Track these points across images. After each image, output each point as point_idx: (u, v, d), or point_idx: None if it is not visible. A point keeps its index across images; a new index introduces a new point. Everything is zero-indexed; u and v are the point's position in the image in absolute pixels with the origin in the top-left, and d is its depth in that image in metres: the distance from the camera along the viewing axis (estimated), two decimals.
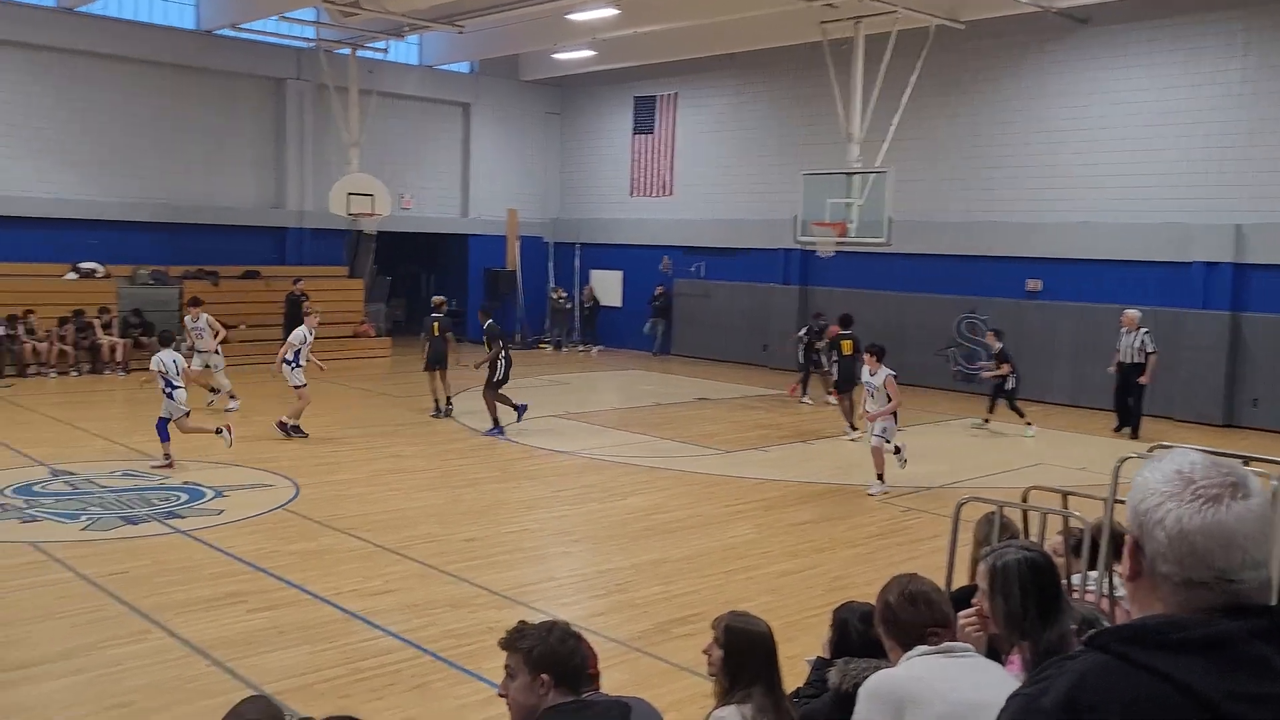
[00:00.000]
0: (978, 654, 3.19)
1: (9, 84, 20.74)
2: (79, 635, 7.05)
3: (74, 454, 12.72)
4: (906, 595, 3.27)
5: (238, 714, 2.99)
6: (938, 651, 3.13)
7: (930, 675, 3.05)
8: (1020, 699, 1.65)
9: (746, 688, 3.53)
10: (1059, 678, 1.61)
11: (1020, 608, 3.07)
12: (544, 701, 3.15)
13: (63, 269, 21.17)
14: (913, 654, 3.15)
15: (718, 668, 3.60)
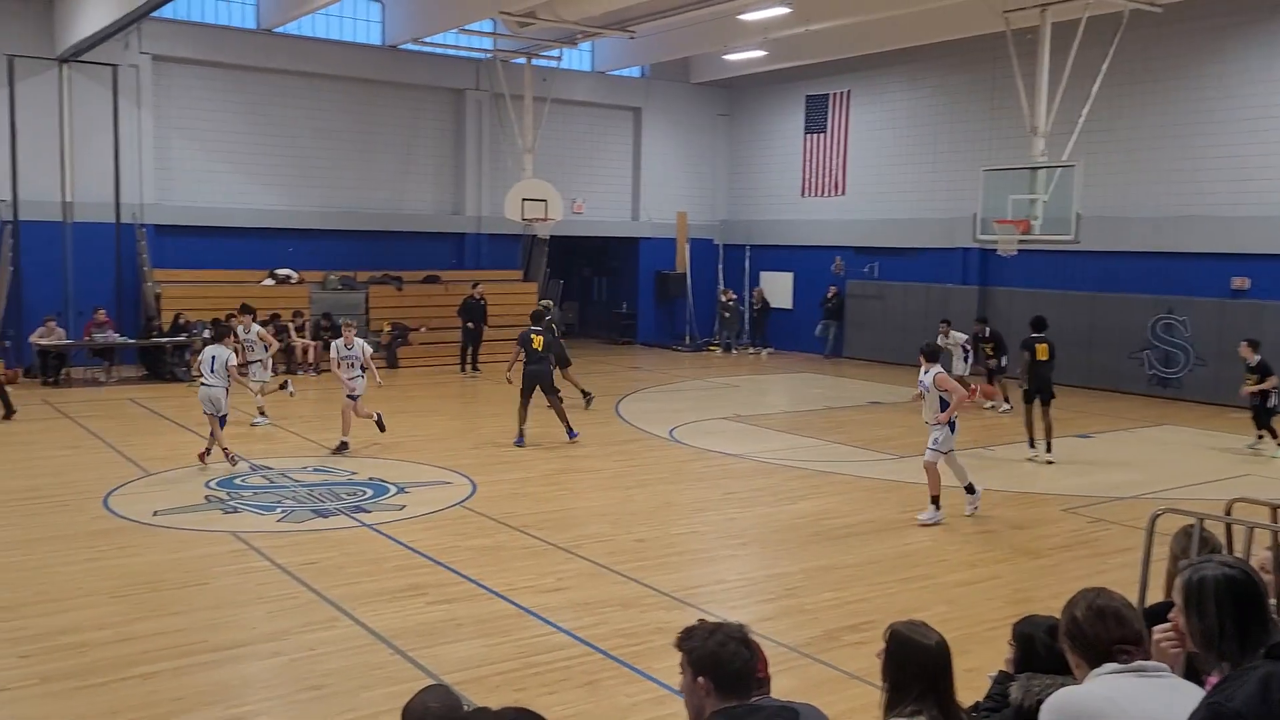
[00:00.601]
0: (1173, 674, 2.98)
1: (214, 103, 22.26)
2: (277, 620, 7.47)
3: (270, 450, 13.51)
4: (1094, 610, 3.09)
5: (420, 701, 3.09)
6: (1129, 670, 2.94)
7: (1118, 694, 2.87)
8: (1209, 705, 1.56)
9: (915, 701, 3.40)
10: (1246, 683, 1.52)
11: (1217, 626, 2.85)
12: (705, 704, 3.13)
13: (261, 275, 22.55)
14: (1100, 671, 2.98)
15: (884, 678, 3.49)
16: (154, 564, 8.75)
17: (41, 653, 6.78)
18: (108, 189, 20.21)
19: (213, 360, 12.53)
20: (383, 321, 22.61)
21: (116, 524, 9.94)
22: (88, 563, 8.72)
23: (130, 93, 20.79)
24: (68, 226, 20.06)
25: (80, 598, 7.84)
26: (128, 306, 20.92)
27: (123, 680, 6.38)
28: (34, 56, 19.51)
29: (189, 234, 21.96)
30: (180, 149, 21.94)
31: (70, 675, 6.43)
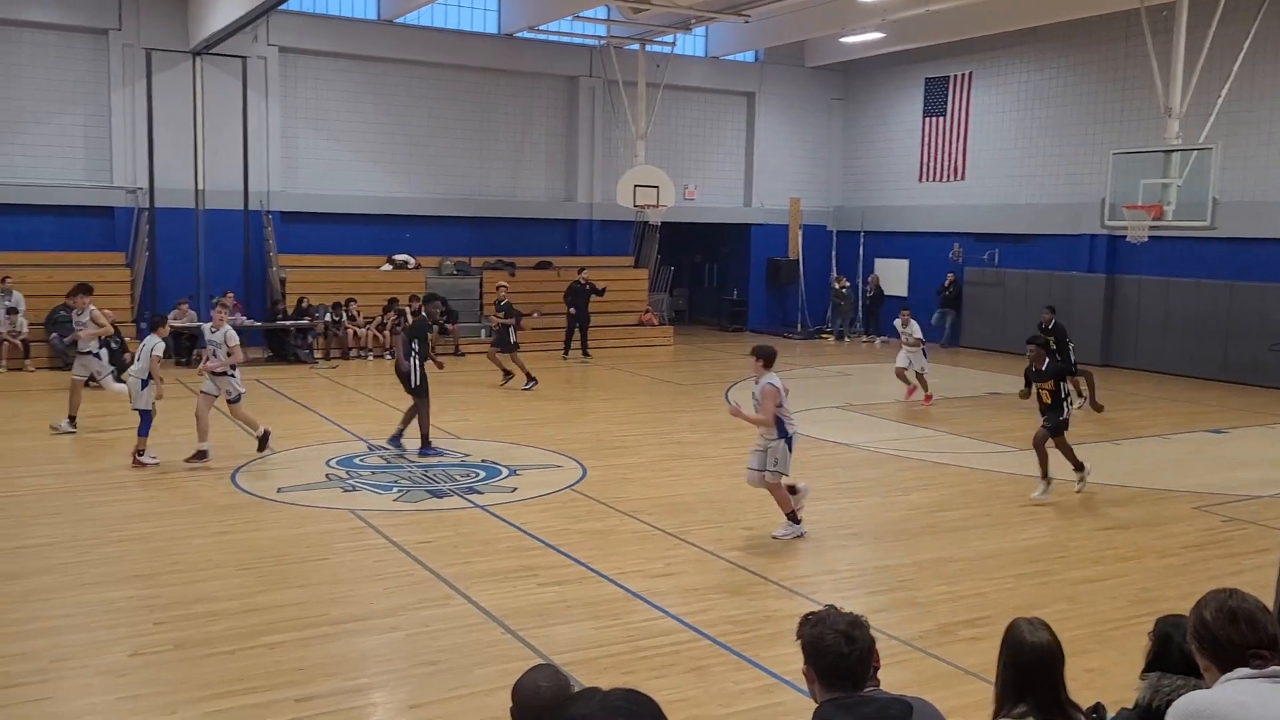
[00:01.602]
0: None
1: (337, 93, 22.90)
2: (393, 597, 7.67)
3: (388, 431, 13.84)
4: (1225, 611, 2.93)
5: (531, 680, 3.12)
6: (1263, 676, 2.79)
7: (1251, 701, 2.73)
8: None
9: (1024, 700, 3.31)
10: None
11: None
12: (813, 691, 3.14)
13: (379, 261, 23.15)
14: (1232, 676, 2.83)
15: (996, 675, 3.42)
16: (278, 539, 9.07)
17: (175, 620, 7.09)
18: (237, 177, 20.99)
19: (147, 351, 11.65)
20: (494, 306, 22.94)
21: (243, 499, 10.34)
22: (217, 536, 9.09)
23: (258, 84, 21.53)
24: (199, 213, 20.90)
25: (210, 569, 8.18)
26: (255, 290, 21.72)
27: (249, 649, 6.63)
28: (170, 50, 20.36)
29: (312, 220, 22.67)
30: (305, 138, 22.65)
31: (201, 643, 6.72)
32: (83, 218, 20.82)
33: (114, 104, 20.69)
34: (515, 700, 3.08)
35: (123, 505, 9.98)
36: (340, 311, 21.34)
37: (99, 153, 20.85)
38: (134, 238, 20.97)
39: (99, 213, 20.95)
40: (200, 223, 20.89)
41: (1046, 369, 10.99)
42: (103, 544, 8.81)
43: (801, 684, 3.31)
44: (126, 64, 20.58)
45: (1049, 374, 10.98)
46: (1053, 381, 10.92)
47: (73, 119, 20.62)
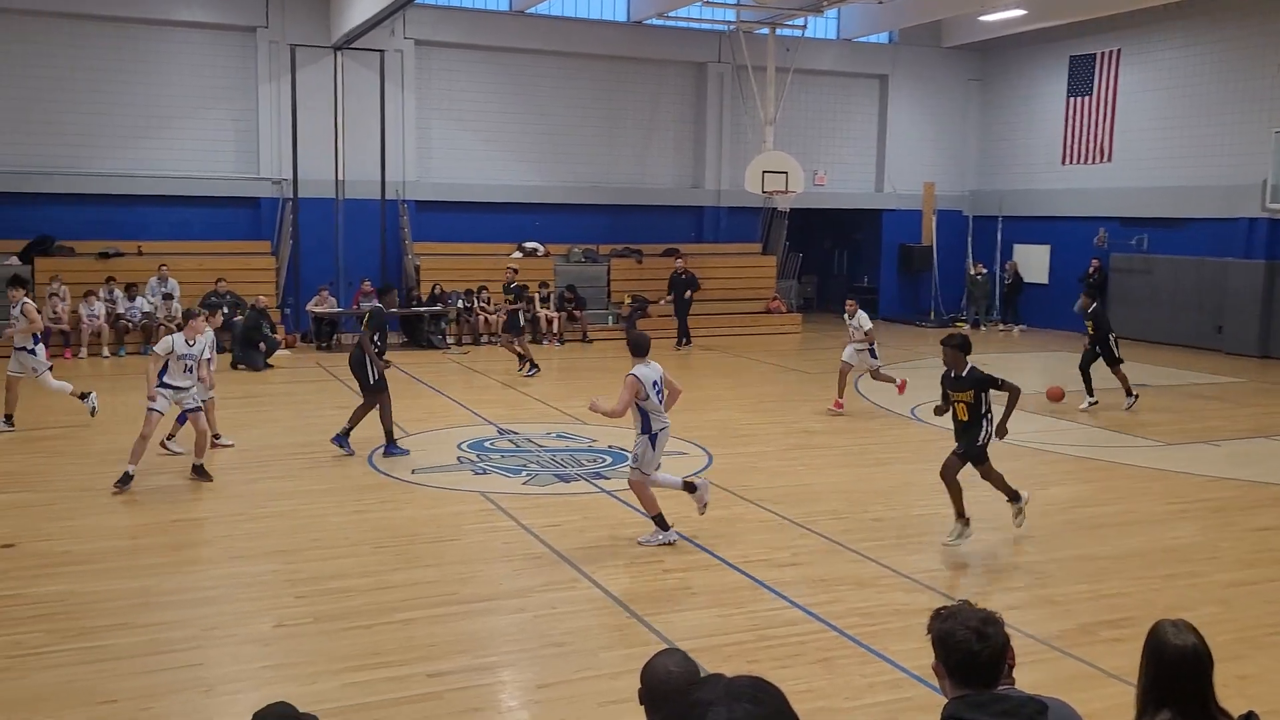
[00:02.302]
0: None
1: (470, 83, 23.35)
2: (521, 578, 7.79)
3: (517, 415, 14.09)
4: None
5: (661, 664, 3.12)
6: None
7: None
8: None
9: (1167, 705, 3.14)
10: None
11: None
12: (943, 687, 3.07)
13: (510, 248, 23.54)
14: None
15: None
16: (411, 519, 9.32)
17: (314, 594, 7.36)
18: (374, 168, 21.62)
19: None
20: (623, 294, 23.12)
21: (379, 480, 10.66)
22: (354, 514, 9.39)
23: (395, 76, 22.12)
24: (339, 203, 21.62)
25: (347, 546, 8.46)
26: (391, 277, 22.32)
27: (384, 624, 6.83)
28: (312, 45, 21.09)
29: (446, 209, 23.20)
30: (438, 128, 23.18)
31: (338, 617, 6.95)
32: (231, 208, 21.79)
33: (261, 99, 21.57)
34: (644, 683, 3.08)
35: (266, 484, 10.41)
36: (472, 298, 21.79)
37: (247, 146, 21.78)
38: (278, 227, 21.84)
39: (246, 203, 21.90)
40: (340, 212, 21.61)
41: (966, 376, 8.51)
42: (248, 520, 9.21)
43: (932, 679, 3.22)
44: (273, 60, 21.42)
45: (968, 383, 8.51)
46: (973, 393, 8.47)
47: (222, 114, 21.58)
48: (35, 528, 8.76)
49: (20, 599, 7.18)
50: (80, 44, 20.47)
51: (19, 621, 6.78)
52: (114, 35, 20.66)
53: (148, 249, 20.64)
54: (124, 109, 20.82)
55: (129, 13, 20.53)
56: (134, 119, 20.91)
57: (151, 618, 6.91)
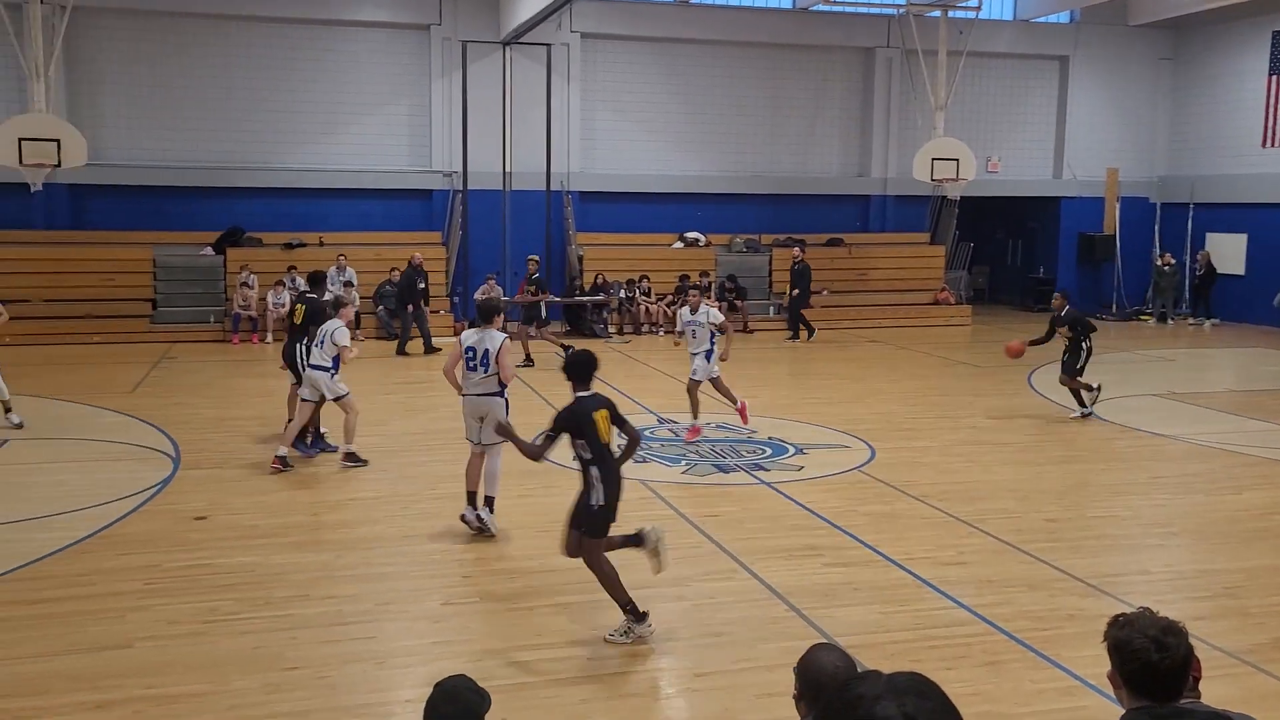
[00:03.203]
0: None
1: (635, 75, 23.54)
2: (680, 567, 7.80)
3: (677, 405, 14.12)
4: None
5: (822, 658, 3.08)
6: None
7: None
8: None
9: None
10: None
11: None
12: (1120, 697, 2.94)
13: (671, 238, 23.65)
14: None
15: None
16: None
17: (481, 574, 7.58)
18: (540, 159, 22.07)
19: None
20: (784, 285, 22.86)
21: (542, 466, 10.83)
22: (518, 499, 9.61)
23: (561, 69, 22.51)
24: (506, 194, 22.17)
25: (512, 529, 8.68)
26: (555, 267, 22.80)
27: (545, 607, 6.98)
28: (482, 41, 21.69)
29: (609, 199, 23.49)
30: (603, 120, 23.47)
31: (503, 597, 7.14)
32: (405, 200, 22.66)
33: (434, 94, 22.34)
34: (802, 676, 3.05)
35: (436, 466, 10.77)
36: (634, 288, 22.00)
37: (420, 140, 22.59)
38: (449, 218, 22.58)
39: (419, 195, 22.72)
40: (506, 203, 22.16)
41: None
42: (419, 501, 9.56)
43: (1109, 689, 3.05)
44: (445, 56, 22.15)
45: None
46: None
47: (398, 110, 22.45)
48: (226, 502, 9.33)
49: (212, 569, 7.66)
50: (270, 46, 21.66)
51: (212, 589, 7.24)
52: (300, 37, 21.77)
53: (328, 240, 21.67)
54: (309, 107, 21.93)
55: (315, 14, 21.60)
56: (317, 116, 22.00)
57: (330, 590, 7.27)
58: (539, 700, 5.72)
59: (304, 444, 10.97)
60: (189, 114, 21.40)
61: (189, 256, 20.97)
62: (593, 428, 6.53)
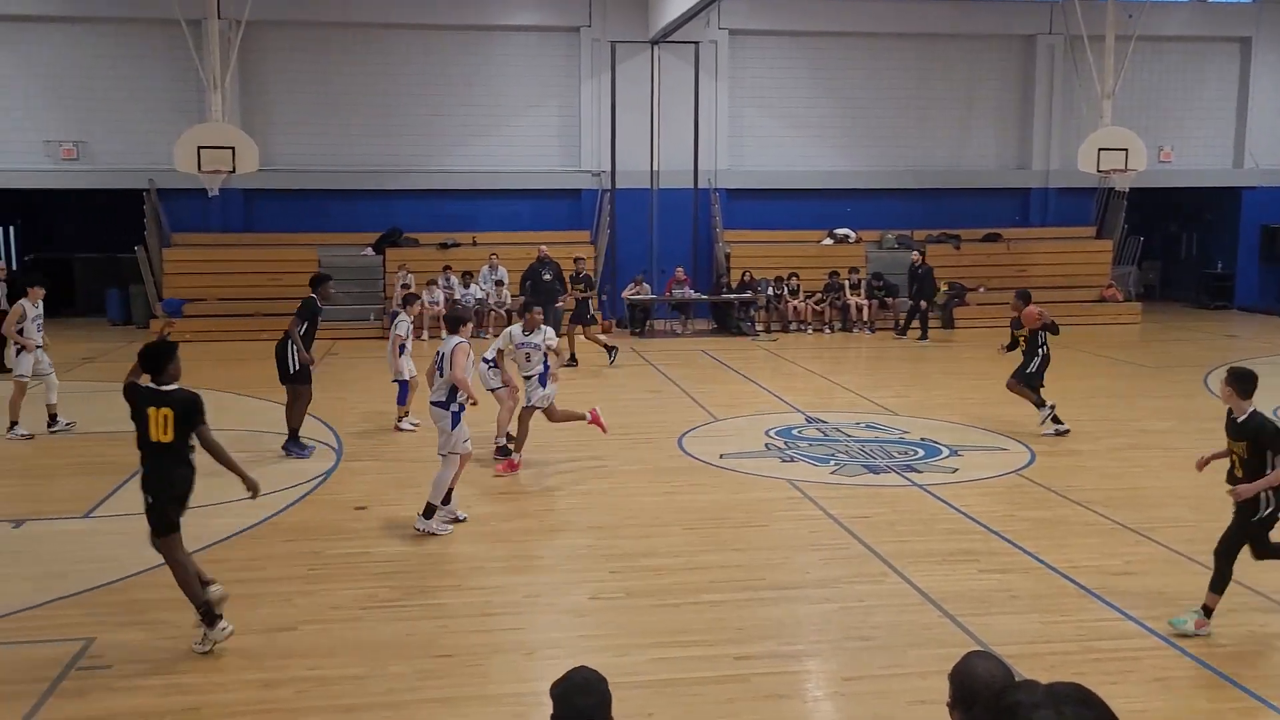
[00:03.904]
0: None
1: (782, 70, 23.32)
2: (829, 568, 7.67)
3: (826, 404, 13.91)
4: None
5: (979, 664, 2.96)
6: None
7: None
8: None
9: None
10: None
11: None
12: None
13: (820, 235, 23.30)
14: None
15: None
16: (719, 502, 9.42)
17: (627, 570, 7.61)
18: (687, 157, 22.10)
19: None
20: (940, 281, 22.22)
21: (688, 463, 10.87)
22: (665, 496, 9.63)
23: (709, 66, 22.47)
24: (654, 193, 22.27)
25: (658, 526, 8.69)
26: (702, 265, 22.80)
27: (691, 604, 6.95)
28: (631, 41, 21.86)
29: (756, 196, 23.33)
30: (751, 116, 23.32)
31: (649, 593, 7.15)
32: (554, 200, 23.04)
33: (583, 94, 22.64)
34: (957, 682, 2.95)
35: (583, 463, 10.88)
36: (782, 286, 21.78)
37: (569, 140, 22.93)
38: (597, 217, 22.84)
39: (568, 195, 23.06)
40: (654, 202, 22.26)
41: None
42: (568, 495, 9.68)
43: None
44: (594, 57, 22.42)
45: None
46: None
47: (548, 111, 22.85)
48: (383, 494, 9.66)
49: (370, 557, 7.93)
50: (427, 53, 22.37)
51: (370, 576, 7.49)
52: (455, 43, 22.41)
53: (481, 239, 22.22)
54: (463, 110, 22.55)
55: (470, 20, 22.19)
56: (471, 119, 22.60)
57: (482, 581, 7.42)
58: (684, 698, 5.69)
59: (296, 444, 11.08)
60: (351, 120, 22.30)
61: (350, 256, 21.85)
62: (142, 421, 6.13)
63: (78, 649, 6.22)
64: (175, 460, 6.13)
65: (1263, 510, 6.37)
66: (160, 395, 6.09)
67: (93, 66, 21.41)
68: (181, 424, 6.06)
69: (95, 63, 21.41)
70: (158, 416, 6.06)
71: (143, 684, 5.82)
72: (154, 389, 6.12)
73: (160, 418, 6.05)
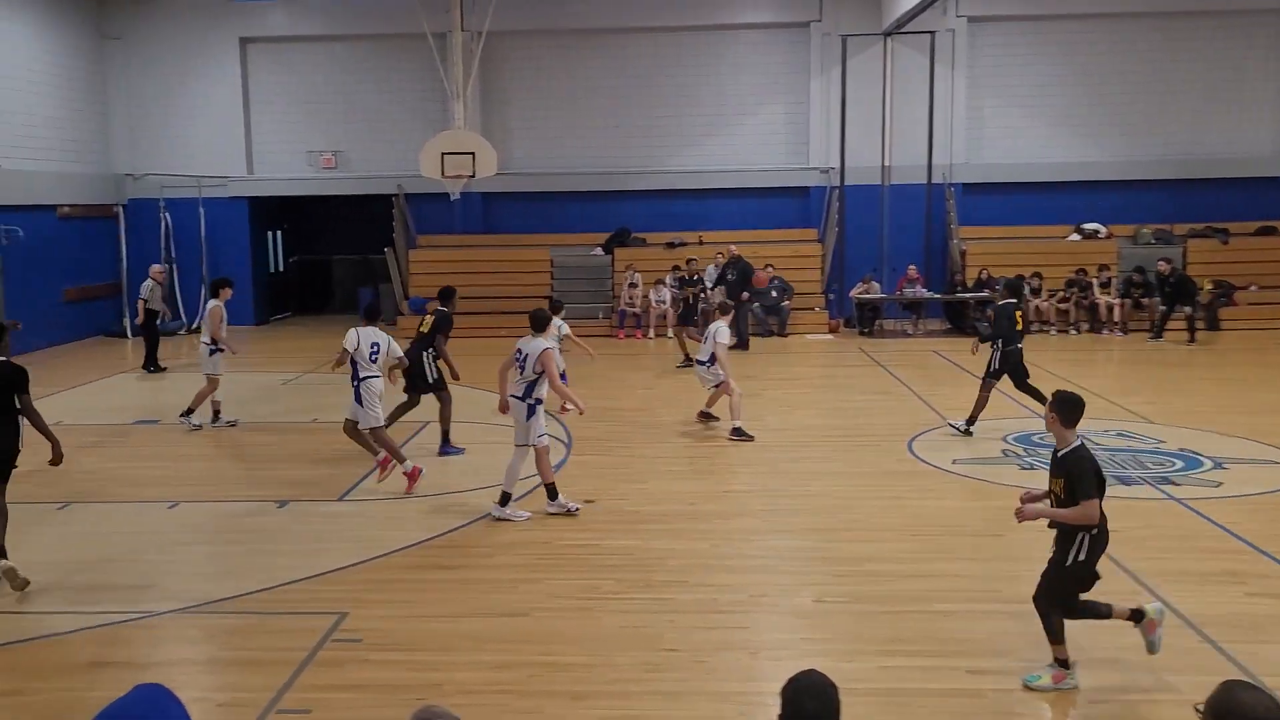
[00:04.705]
0: None
1: (1024, 57, 22.15)
2: None
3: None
4: None
5: (1232, 695, 2.71)
6: None
7: None
8: None
9: None
10: None
11: None
12: None
13: (1066, 230, 22.01)
14: None
15: None
16: (950, 510, 9.06)
17: (852, 574, 7.43)
18: (920, 152, 21.41)
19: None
20: (1204, 279, 20.52)
21: (918, 468, 10.51)
22: (892, 500, 9.35)
23: (945, 57, 21.68)
24: (884, 189, 21.71)
25: (884, 531, 8.44)
26: (935, 263, 22.03)
27: (919, 613, 6.70)
28: (863, 34, 21.40)
29: (994, 191, 22.31)
30: (989, 107, 22.32)
31: (874, 599, 6.95)
32: (781, 198, 22.85)
33: (812, 91, 22.35)
34: (1214, 713, 2.71)
35: (808, 464, 10.72)
36: (1023, 285, 20.73)
37: (797, 137, 22.70)
38: (825, 215, 22.49)
39: (795, 193, 22.82)
40: (885, 198, 21.70)
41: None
42: (789, 497, 9.56)
43: None
44: (824, 52, 22.09)
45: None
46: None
47: (776, 108, 22.70)
48: (610, 488, 9.85)
49: (598, 549, 8.11)
50: (657, 55, 22.70)
51: (596, 569, 7.66)
52: (685, 43, 22.63)
53: (707, 239, 22.34)
54: (691, 110, 22.75)
55: (700, 21, 22.36)
56: (699, 119, 22.76)
57: (707, 579, 7.44)
58: (912, 710, 5.50)
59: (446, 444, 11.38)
60: (583, 123, 22.94)
61: (581, 256, 22.47)
62: None
63: (333, 622, 6.68)
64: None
65: (1073, 555, 5.58)
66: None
67: (350, 81, 23.01)
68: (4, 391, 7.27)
69: (352, 78, 23.01)
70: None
71: (390, 658, 6.18)
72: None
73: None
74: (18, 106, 19.25)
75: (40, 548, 8.27)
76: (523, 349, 8.88)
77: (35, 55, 20.28)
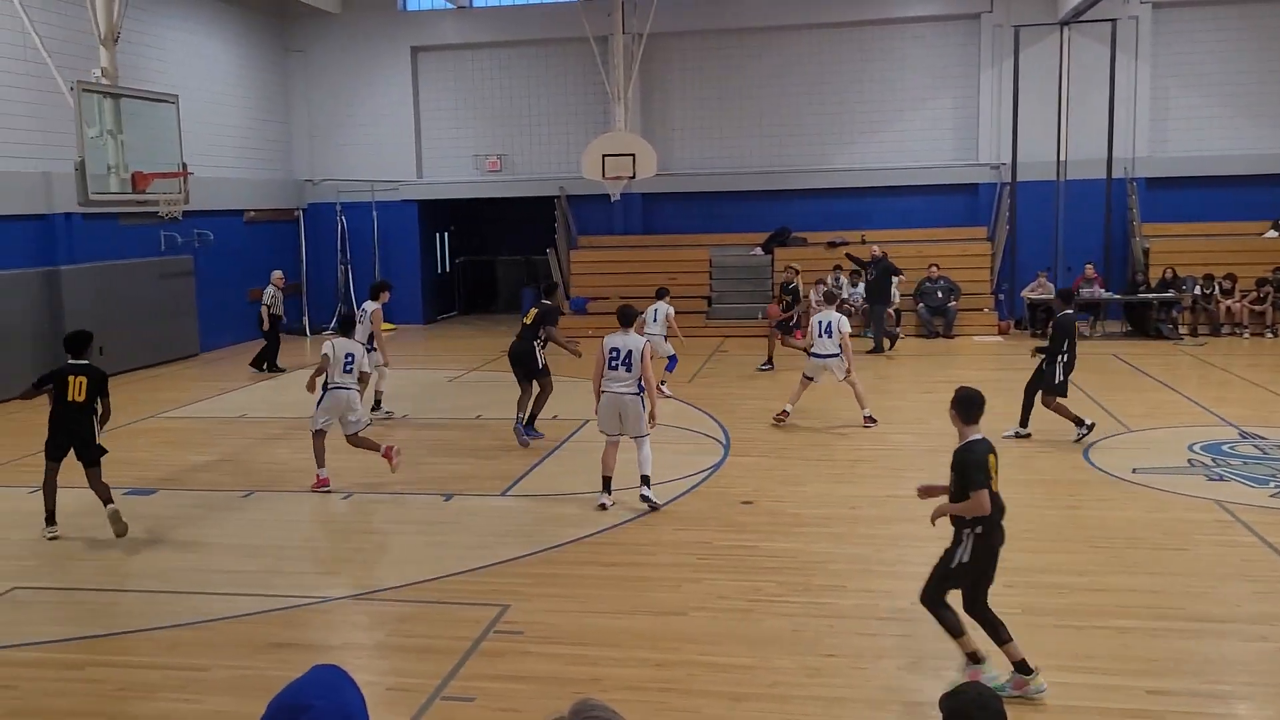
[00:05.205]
0: None
1: (1216, 44, 20.85)
2: (1265, 602, 6.74)
3: (1266, 418, 12.26)
4: None
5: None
6: None
7: None
8: None
9: None
10: None
11: None
12: None
13: (1262, 227, 20.60)
14: None
15: None
16: (1131, 520, 8.59)
17: (1024, 585, 7.12)
18: (1099, 146, 20.41)
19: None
20: None
21: (1096, 476, 10.01)
22: (1067, 509, 8.93)
23: (1128, 45, 20.61)
24: (1060, 184, 20.78)
25: (1060, 541, 8.07)
26: (1115, 262, 20.97)
27: (1096, 628, 6.38)
28: (1038, 24, 20.54)
29: (1181, 185, 21.08)
30: (1176, 98, 21.10)
31: (1048, 612, 6.65)
32: (948, 195, 22.18)
33: (981, 84, 21.62)
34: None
35: None
36: (1211, 284, 19.52)
37: (966, 132, 21.99)
38: (995, 212, 21.70)
39: (963, 190, 22.12)
40: (1060, 194, 20.78)
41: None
42: None
43: None
44: (995, 44, 21.33)
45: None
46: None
47: (943, 103, 22.05)
48: (769, 490, 9.76)
49: (758, 551, 8.03)
50: (819, 51, 22.40)
51: (757, 570, 7.59)
52: (848, 39, 22.26)
53: (870, 238, 21.87)
54: (854, 107, 22.35)
55: (866, 15, 21.95)
56: (862, 116, 22.34)
57: (867, 584, 7.27)
58: None
59: (528, 428, 11.73)
60: (743, 123, 22.84)
61: (740, 256, 22.38)
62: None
63: (495, 613, 6.83)
64: None
65: (958, 557, 5.62)
66: None
67: (514, 86, 23.58)
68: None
69: (516, 82, 23.56)
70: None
71: (551, 651, 6.28)
72: None
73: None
74: (211, 118, 20.51)
75: (226, 532, 8.79)
76: (620, 347, 9.22)
77: (227, 70, 21.60)
